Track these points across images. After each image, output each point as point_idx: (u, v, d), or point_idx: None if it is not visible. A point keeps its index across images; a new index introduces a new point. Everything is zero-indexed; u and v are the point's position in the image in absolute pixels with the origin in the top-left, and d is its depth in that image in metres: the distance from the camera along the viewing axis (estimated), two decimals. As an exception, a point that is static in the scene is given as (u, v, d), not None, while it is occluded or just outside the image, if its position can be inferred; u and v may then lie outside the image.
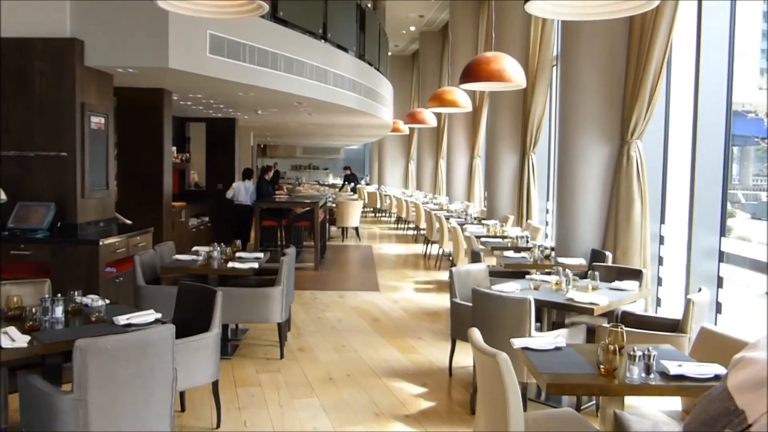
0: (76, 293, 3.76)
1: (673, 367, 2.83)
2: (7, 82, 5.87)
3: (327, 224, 13.03)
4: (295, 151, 30.38)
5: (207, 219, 11.12)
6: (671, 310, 5.96)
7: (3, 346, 3.08)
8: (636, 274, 5.07)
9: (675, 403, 3.48)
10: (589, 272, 4.76)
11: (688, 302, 4.04)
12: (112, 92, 6.71)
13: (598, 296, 4.32)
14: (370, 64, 11.33)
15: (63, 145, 5.91)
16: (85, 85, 6.04)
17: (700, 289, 4.24)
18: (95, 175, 6.24)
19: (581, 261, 5.94)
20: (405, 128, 16.88)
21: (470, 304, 4.55)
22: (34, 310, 3.41)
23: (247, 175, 11.33)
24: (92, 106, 6.15)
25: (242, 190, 11.13)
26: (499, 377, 2.61)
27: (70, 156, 5.93)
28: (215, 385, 4.05)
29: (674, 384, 2.74)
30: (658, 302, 6.27)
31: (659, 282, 6.32)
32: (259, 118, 12.26)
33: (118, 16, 5.89)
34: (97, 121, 6.26)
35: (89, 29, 5.88)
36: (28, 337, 3.20)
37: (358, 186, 21.41)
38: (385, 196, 19.20)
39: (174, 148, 10.14)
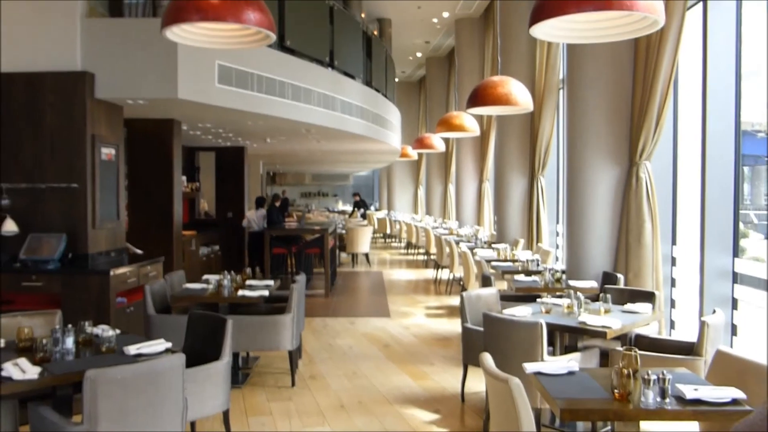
0: (86, 324, 3.77)
1: (689, 391, 2.78)
2: (19, 115, 5.96)
3: (337, 250, 13.03)
4: (304, 178, 30.57)
5: (217, 247, 11.14)
6: (685, 333, 5.88)
7: (14, 378, 3.08)
8: (648, 297, 5.02)
9: (692, 428, 3.42)
10: (601, 295, 4.73)
11: (702, 324, 3.99)
12: (122, 123, 6.78)
13: (611, 319, 4.28)
14: (378, 91, 11.42)
15: (74, 177, 5.97)
16: (96, 117, 6.12)
17: (714, 311, 4.18)
18: (106, 205, 6.28)
19: (593, 284, 5.90)
20: (413, 153, 16.94)
21: (482, 329, 4.53)
22: (44, 341, 3.41)
23: (259, 203, 11.40)
24: (103, 138, 6.22)
25: (255, 219, 11.19)
26: (512, 403, 2.59)
27: (81, 187, 5.97)
28: (226, 414, 4.03)
29: (691, 408, 2.70)
30: (672, 325, 6.20)
31: (672, 304, 6.25)
32: (267, 146, 12.35)
33: (128, 48, 5.99)
34: (107, 152, 6.32)
35: (99, 62, 5.97)
36: (38, 369, 3.21)
37: (367, 212, 21.45)
38: (395, 221, 19.23)
39: (184, 178, 10.21)
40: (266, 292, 5.55)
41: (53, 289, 5.74)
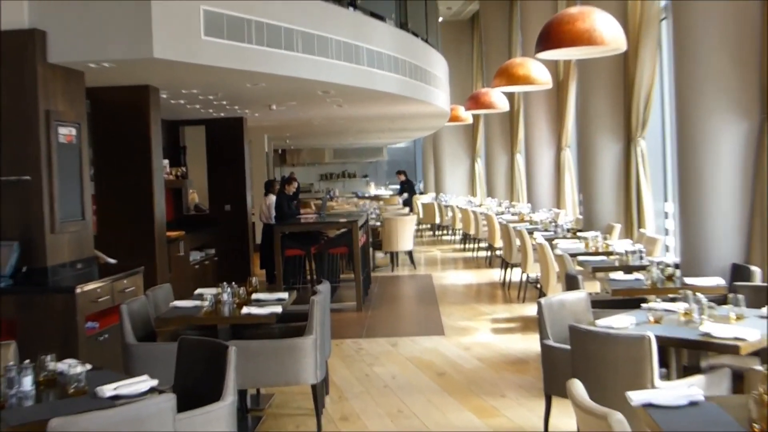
0: (48, 358, 3.80)
1: None
2: (-49, 90, 6.04)
3: (371, 249, 13.07)
4: (322, 155, 30.66)
5: (212, 251, 11.25)
6: None
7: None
8: (797, 296, 4.92)
9: None
10: (731, 296, 4.65)
11: None
12: (84, 94, 6.86)
13: (745, 329, 4.19)
14: (416, 35, 11.36)
15: (24, 167, 6.03)
16: (50, 87, 6.19)
17: None
18: (67, 202, 6.36)
19: (718, 281, 5.81)
20: (467, 116, 16.83)
21: (568, 347, 4.51)
22: (-5, 382, 3.45)
23: (268, 188, 11.48)
24: (60, 114, 6.29)
25: (267, 209, 11.29)
26: (614, 446, 2.55)
27: (34, 180, 6.04)
28: (233, 471, 4.04)
29: None
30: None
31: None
32: (273, 115, 12.40)
33: (87, -3, 6.03)
34: (66, 132, 6.40)
35: (52, 16, 6.02)
36: (-11, 419, 3.24)
37: (413, 196, 21.37)
38: (446, 207, 19.20)
39: (166, 162, 10.33)
40: (279, 309, 5.56)
41: (5, 314, 5.80)
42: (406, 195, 21.37)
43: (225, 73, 7.27)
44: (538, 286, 9.73)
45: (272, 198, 11.47)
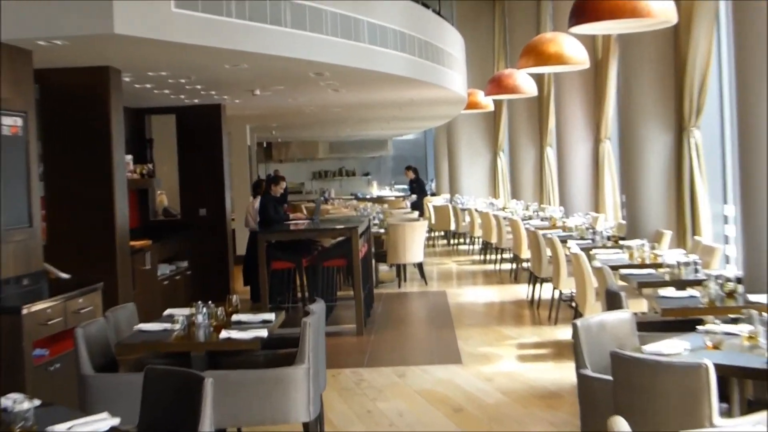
0: (-12, 391, 3.79)
1: None
2: None
3: (373, 261, 13.07)
4: (315, 149, 30.64)
5: (185, 264, 11.26)
6: None
7: None
8: None
9: None
10: (804, 316, 4.58)
11: None
12: (33, 78, 6.87)
13: (823, 355, 4.16)
14: (426, 6, 11.36)
15: (-39, 164, 6.05)
16: (-9, 69, 6.20)
17: None
18: (12, 206, 6.36)
19: (789, 298, 5.78)
20: (487, 102, 16.78)
21: (609, 378, 4.48)
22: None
23: (257, 189, 11.48)
24: (3, 102, 6.28)
25: (253, 213, 11.31)
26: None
27: (-28, 179, 6.06)
28: None
29: None
30: None
31: None
32: (257, 102, 12.40)
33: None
34: (10, 123, 6.40)
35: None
36: None
37: (424, 197, 21.29)
38: (463, 210, 19.19)
39: (129, 157, 10.31)
40: (264, 332, 5.54)
41: (-62, 340, 5.81)
42: (414, 197, 21.34)
43: (199, 51, 7.28)
44: (573, 304, 9.70)
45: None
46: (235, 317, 5.98)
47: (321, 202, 20.61)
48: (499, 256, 15.84)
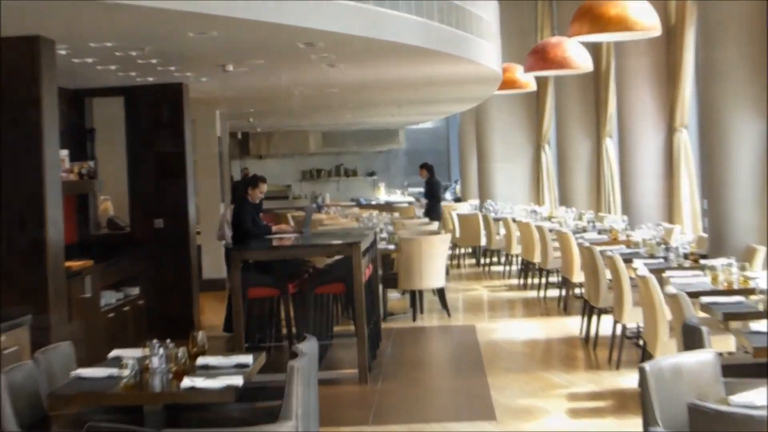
0: None
1: None
2: None
3: (381, 287, 13.05)
4: (305, 142, 30.77)
5: (136, 291, 11.28)
6: None
7: None
8: None
9: None
10: None
11: None
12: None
13: None
14: (449, -42, 11.32)
15: None
16: None
17: None
18: None
19: None
20: (528, 80, 16.78)
21: (688, 439, 4.50)
22: None
23: (235, 193, 11.49)
24: None
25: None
26: None
27: None
28: None
29: None
30: None
31: None
32: (230, 80, 12.43)
33: None
34: None
35: None
36: None
37: (441, 203, 21.29)
38: (497, 221, 19.26)
39: (65, 153, 10.24)
40: (239, 380, 5.55)
41: None
42: (425, 201, 21.25)
43: (156, 15, 7.25)
44: (641, 343, 9.71)
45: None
46: (200, 360, 6.00)
47: (313, 210, 20.64)
48: (543, 280, 15.85)
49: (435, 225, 18.58)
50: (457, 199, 26.00)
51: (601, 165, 17.48)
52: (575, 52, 12.05)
